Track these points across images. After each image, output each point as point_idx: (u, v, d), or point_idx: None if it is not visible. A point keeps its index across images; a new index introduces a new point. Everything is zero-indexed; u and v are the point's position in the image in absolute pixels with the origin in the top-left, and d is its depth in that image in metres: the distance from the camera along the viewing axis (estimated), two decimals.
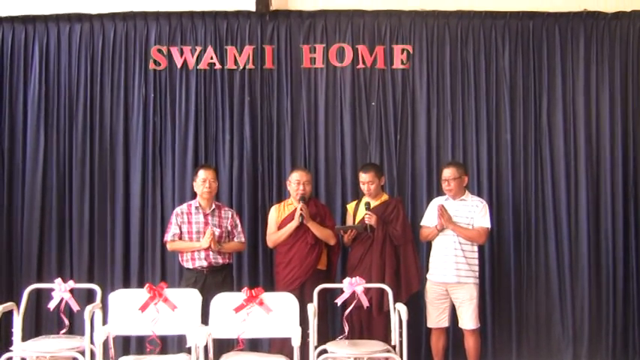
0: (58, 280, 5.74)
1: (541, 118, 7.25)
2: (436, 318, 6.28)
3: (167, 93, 7.26)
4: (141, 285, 6.21)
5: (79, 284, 5.98)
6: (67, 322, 5.85)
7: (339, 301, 5.72)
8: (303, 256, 6.18)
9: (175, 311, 5.49)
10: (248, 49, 7.24)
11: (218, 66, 7.24)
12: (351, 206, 6.57)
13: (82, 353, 5.30)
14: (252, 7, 7.10)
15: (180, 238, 6.18)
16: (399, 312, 5.43)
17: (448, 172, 6.27)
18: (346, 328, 5.59)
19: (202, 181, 6.20)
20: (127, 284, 6.96)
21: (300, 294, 5.88)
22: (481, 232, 6.20)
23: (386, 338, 5.63)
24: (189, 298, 5.55)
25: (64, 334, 5.80)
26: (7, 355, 5.43)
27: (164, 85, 7.27)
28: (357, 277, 5.65)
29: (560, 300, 7.13)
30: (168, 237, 6.22)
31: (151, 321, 5.45)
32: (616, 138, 7.23)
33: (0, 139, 7.24)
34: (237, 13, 7.26)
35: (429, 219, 6.37)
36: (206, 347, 5.22)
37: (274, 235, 6.33)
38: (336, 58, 7.26)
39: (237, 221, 6.37)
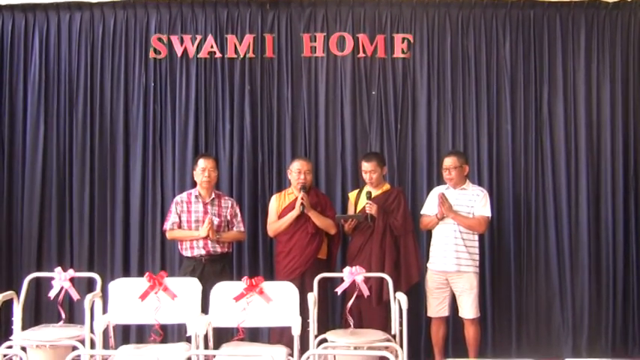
0: (58, 269, 5.75)
1: (542, 108, 7.23)
2: (436, 307, 6.29)
3: (167, 82, 7.24)
4: (141, 274, 6.21)
5: (79, 273, 6.00)
6: (63, 315, 5.82)
7: (339, 290, 5.74)
8: (304, 246, 6.18)
9: (175, 300, 5.49)
10: (248, 38, 7.21)
11: (218, 55, 7.22)
12: (352, 195, 6.56)
13: (82, 342, 5.32)
14: None
15: (180, 227, 6.19)
16: (399, 301, 5.43)
17: (449, 161, 6.27)
18: (351, 322, 5.59)
19: (202, 170, 6.20)
20: (126, 273, 6.96)
21: (300, 283, 5.88)
22: (481, 221, 6.20)
23: (386, 328, 5.63)
24: (189, 287, 5.55)
25: (66, 326, 5.81)
26: (7, 344, 5.43)
27: (164, 73, 7.24)
28: (357, 267, 5.65)
29: (560, 290, 7.12)
30: (167, 225, 6.23)
31: (152, 310, 5.45)
32: (617, 128, 7.21)
33: (0, 128, 7.24)
34: (238, 2, 7.23)
35: (430, 208, 6.38)
36: (206, 336, 5.22)
37: (275, 224, 6.33)
38: (336, 47, 7.24)
39: (237, 210, 6.37)
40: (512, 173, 7.18)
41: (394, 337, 5.47)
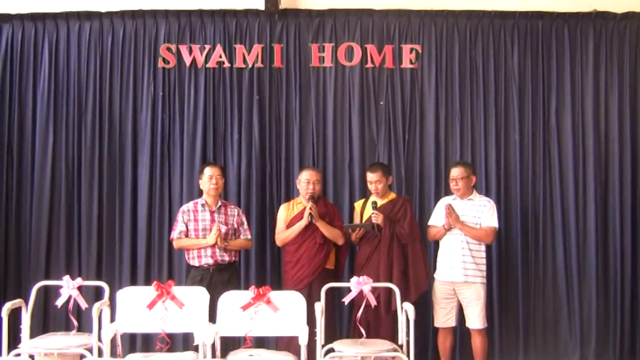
0: (67, 278, 5.77)
1: (550, 119, 7.23)
2: (443, 317, 6.28)
3: (176, 91, 7.26)
4: (148, 283, 6.23)
5: (87, 282, 6.02)
6: (75, 323, 5.85)
7: (346, 300, 5.73)
8: (312, 256, 6.18)
9: (183, 309, 5.50)
10: (257, 48, 7.24)
11: (227, 64, 7.25)
12: (358, 204, 6.57)
13: (90, 350, 5.33)
14: (262, 6, 7.11)
15: (187, 236, 6.18)
16: (406, 311, 5.42)
17: (456, 172, 6.26)
18: (363, 331, 5.59)
19: (209, 178, 6.21)
20: (134, 282, 6.97)
21: (307, 293, 5.88)
22: (489, 232, 6.19)
23: (393, 337, 5.62)
24: (196, 295, 5.56)
25: (74, 334, 5.81)
26: (15, 351, 5.44)
27: (173, 83, 7.27)
28: (365, 277, 5.65)
29: (567, 300, 7.11)
30: (174, 234, 6.22)
31: (159, 319, 5.46)
32: (625, 139, 7.20)
33: (9, 137, 7.26)
34: (247, 12, 7.27)
35: (437, 218, 6.37)
36: (213, 345, 5.23)
37: (283, 234, 6.33)
38: (344, 57, 7.26)
39: (244, 218, 6.38)
40: (519, 183, 7.17)
41: (401, 347, 5.46)
